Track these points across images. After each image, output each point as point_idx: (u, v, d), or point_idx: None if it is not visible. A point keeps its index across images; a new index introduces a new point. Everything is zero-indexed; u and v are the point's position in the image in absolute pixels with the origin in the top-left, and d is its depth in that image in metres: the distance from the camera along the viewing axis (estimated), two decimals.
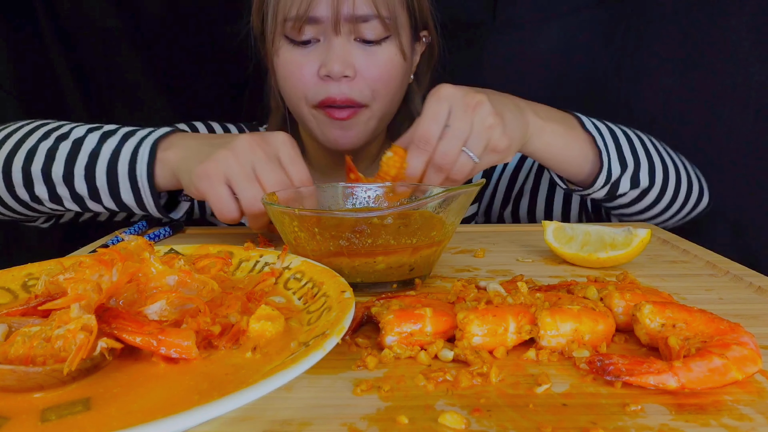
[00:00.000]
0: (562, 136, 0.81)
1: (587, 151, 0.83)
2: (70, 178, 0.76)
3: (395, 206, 0.67)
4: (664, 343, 0.41)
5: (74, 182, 0.76)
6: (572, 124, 0.83)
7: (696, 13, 1.09)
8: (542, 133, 0.78)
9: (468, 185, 0.57)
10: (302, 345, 0.39)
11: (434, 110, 0.69)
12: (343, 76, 0.84)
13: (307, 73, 0.85)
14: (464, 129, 0.68)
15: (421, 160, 0.69)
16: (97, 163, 0.75)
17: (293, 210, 0.55)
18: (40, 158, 0.77)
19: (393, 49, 0.87)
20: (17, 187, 0.78)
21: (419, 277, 0.59)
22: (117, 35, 1.31)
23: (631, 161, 0.84)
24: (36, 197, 0.78)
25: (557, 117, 0.82)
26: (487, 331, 0.42)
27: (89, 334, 0.37)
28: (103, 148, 0.76)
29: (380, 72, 0.87)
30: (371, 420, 0.35)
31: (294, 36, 0.85)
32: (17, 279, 0.52)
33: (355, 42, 0.85)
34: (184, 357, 0.39)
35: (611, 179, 0.84)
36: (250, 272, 0.57)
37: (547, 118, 0.80)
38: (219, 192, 0.67)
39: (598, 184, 0.84)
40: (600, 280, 0.60)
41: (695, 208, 0.94)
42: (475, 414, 0.35)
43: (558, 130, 0.80)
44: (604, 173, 0.82)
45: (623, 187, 0.85)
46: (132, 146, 0.75)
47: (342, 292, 0.46)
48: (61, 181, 0.76)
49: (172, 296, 0.43)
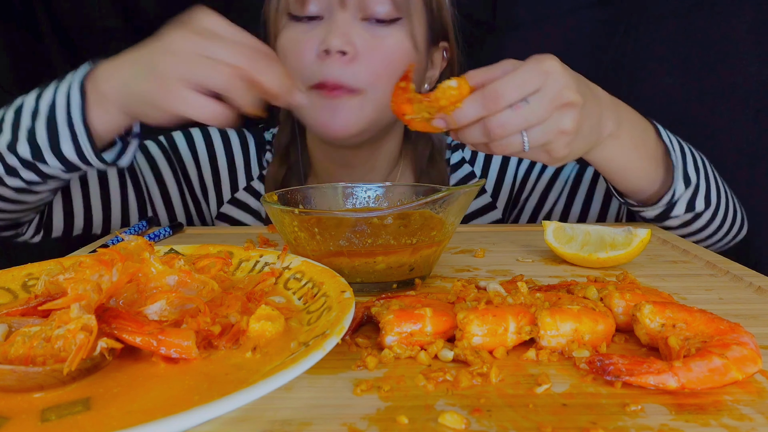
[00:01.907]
0: (638, 147, 0.73)
1: (659, 167, 0.76)
2: (14, 144, 0.71)
3: (395, 206, 0.67)
4: (664, 343, 0.41)
5: (17, 148, 0.71)
6: (649, 133, 0.76)
7: (696, 13, 1.09)
8: (615, 140, 0.71)
9: (468, 185, 0.57)
10: (302, 345, 0.39)
11: (526, 76, 0.60)
12: (340, 51, 0.79)
13: (306, 50, 0.81)
14: (539, 117, 0.60)
15: (476, 112, 0.59)
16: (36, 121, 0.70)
17: (293, 210, 0.55)
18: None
19: (402, 35, 0.83)
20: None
21: (419, 277, 0.59)
22: (117, 35, 1.31)
23: (695, 181, 0.77)
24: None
25: (638, 124, 0.74)
26: (487, 331, 0.42)
27: (89, 334, 0.37)
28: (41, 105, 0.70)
29: (385, 55, 0.82)
30: (371, 420, 0.35)
31: (297, 10, 0.81)
32: (17, 279, 0.52)
33: (363, 22, 0.81)
34: (184, 357, 0.39)
35: (674, 197, 0.77)
36: (250, 272, 0.57)
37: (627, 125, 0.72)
38: (196, 100, 0.59)
39: (661, 203, 0.77)
40: (600, 280, 0.60)
41: (736, 237, 0.89)
42: (475, 414, 0.35)
43: (635, 139, 0.73)
44: (671, 191, 0.75)
45: (678, 209, 0.78)
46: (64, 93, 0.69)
47: (342, 292, 0.46)
48: (7, 151, 0.71)
49: (172, 296, 0.43)
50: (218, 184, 1.04)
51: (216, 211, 1.05)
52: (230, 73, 0.58)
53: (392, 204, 0.69)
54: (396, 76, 0.81)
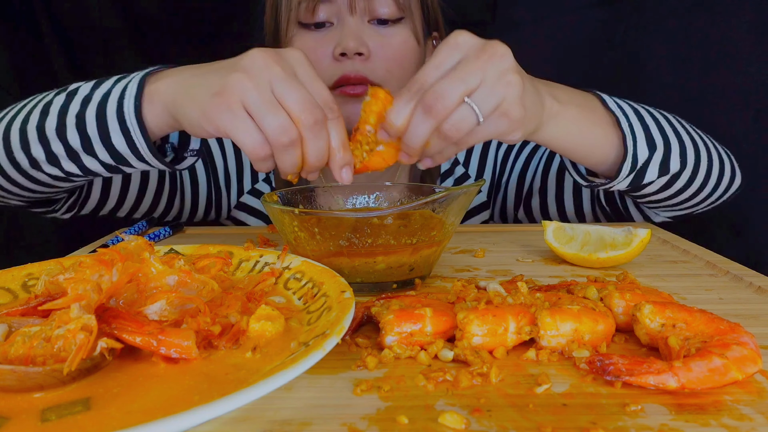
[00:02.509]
0: (582, 122, 0.72)
1: (611, 136, 0.74)
2: (62, 130, 0.69)
3: (395, 206, 0.67)
4: (664, 343, 0.41)
5: (67, 134, 0.69)
6: (593, 105, 0.74)
7: (696, 13, 1.09)
8: (559, 118, 0.69)
9: (468, 185, 0.57)
10: (302, 345, 0.39)
11: (440, 57, 0.57)
12: (357, 53, 0.84)
13: (322, 55, 0.86)
14: (473, 76, 0.56)
15: (408, 103, 0.56)
16: (87, 109, 0.69)
17: (293, 210, 0.55)
18: (36, 115, 0.72)
19: (407, 32, 0.88)
20: (15, 151, 0.72)
21: (419, 277, 0.59)
22: (117, 35, 1.32)
23: (661, 143, 0.76)
24: (33, 160, 0.72)
25: (578, 99, 0.72)
26: (487, 331, 0.42)
27: (89, 334, 0.37)
28: (95, 93, 0.69)
29: (395, 52, 0.87)
30: (371, 420, 0.35)
31: (308, 18, 0.86)
32: (17, 279, 0.52)
33: (370, 24, 0.87)
34: (184, 357, 0.39)
35: (637, 165, 0.75)
36: (250, 272, 0.57)
37: (566, 101, 0.70)
38: (247, 128, 0.56)
39: (623, 174, 0.75)
40: (600, 280, 0.60)
41: (727, 190, 0.88)
42: (475, 414, 0.35)
43: (578, 114, 0.71)
44: (629, 159, 0.73)
45: (650, 174, 0.76)
46: (122, 85, 0.68)
47: (342, 292, 0.46)
48: (54, 136, 0.70)
49: (172, 296, 0.43)
50: (241, 173, 1.06)
51: (236, 200, 1.07)
52: (283, 125, 0.56)
53: (392, 204, 0.69)
54: (405, 69, 0.87)
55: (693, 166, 0.79)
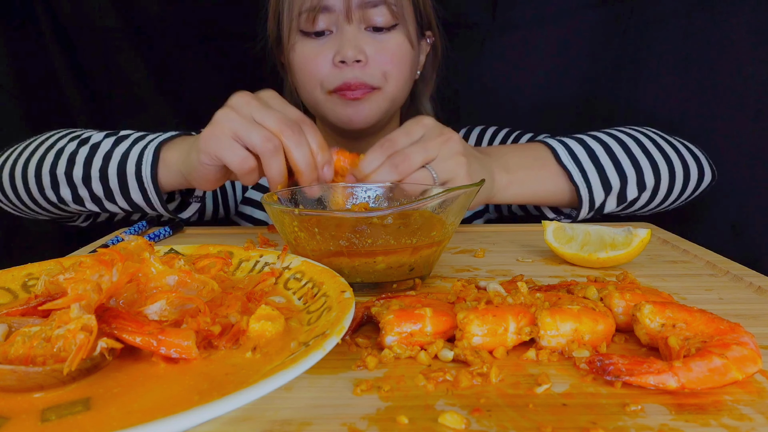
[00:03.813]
0: (533, 182, 0.83)
1: (563, 186, 0.84)
2: (87, 180, 0.82)
3: (395, 206, 0.67)
4: (664, 343, 0.41)
5: (92, 184, 0.82)
6: (544, 161, 0.85)
7: (696, 13, 1.09)
8: (510, 186, 0.81)
9: (468, 185, 0.57)
10: (302, 345, 0.39)
11: (408, 128, 0.72)
12: (356, 60, 0.89)
13: (322, 62, 0.91)
14: (432, 149, 0.70)
15: (378, 157, 0.69)
16: (109, 165, 0.81)
17: (293, 210, 0.55)
18: (63, 162, 0.83)
19: (401, 37, 0.93)
20: (46, 189, 0.84)
21: (419, 277, 0.59)
22: (117, 35, 1.31)
23: (617, 181, 0.85)
24: (61, 198, 0.84)
25: (527, 161, 0.84)
26: (487, 331, 0.42)
27: (89, 334, 0.37)
28: (115, 151, 0.82)
29: (391, 57, 0.92)
30: (371, 420, 0.35)
31: (308, 27, 0.91)
32: (17, 279, 0.52)
33: (366, 31, 0.91)
34: (184, 357, 0.39)
35: (595, 206, 0.85)
36: (250, 272, 0.57)
37: (516, 167, 0.82)
38: (232, 147, 0.67)
39: (582, 213, 0.86)
40: (600, 280, 0.60)
41: (696, 190, 0.93)
42: (475, 414, 0.35)
43: (528, 176, 0.83)
44: (586, 204, 0.84)
45: (609, 206, 0.87)
46: (139, 149, 0.81)
47: (342, 292, 0.46)
48: (81, 183, 0.82)
49: (172, 296, 0.43)
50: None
51: (241, 196, 1.12)
52: (266, 135, 0.65)
53: (392, 204, 0.69)
54: (401, 72, 0.94)
55: (653, 187, 0.87)
